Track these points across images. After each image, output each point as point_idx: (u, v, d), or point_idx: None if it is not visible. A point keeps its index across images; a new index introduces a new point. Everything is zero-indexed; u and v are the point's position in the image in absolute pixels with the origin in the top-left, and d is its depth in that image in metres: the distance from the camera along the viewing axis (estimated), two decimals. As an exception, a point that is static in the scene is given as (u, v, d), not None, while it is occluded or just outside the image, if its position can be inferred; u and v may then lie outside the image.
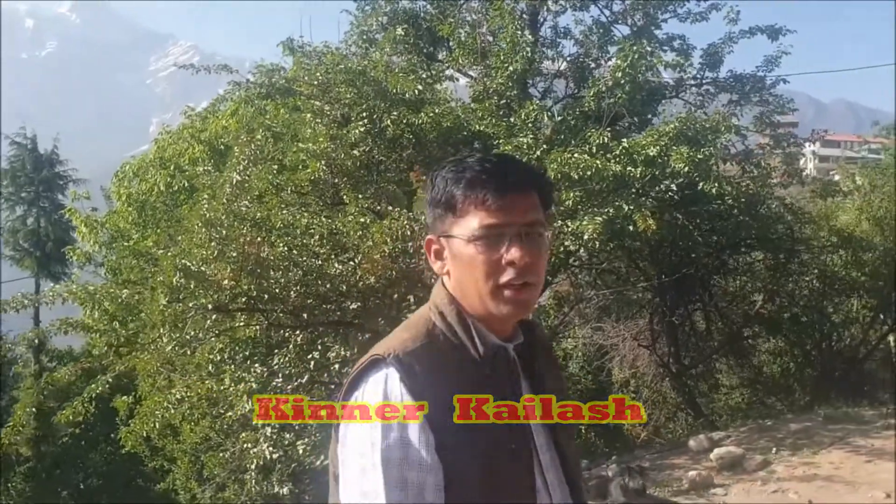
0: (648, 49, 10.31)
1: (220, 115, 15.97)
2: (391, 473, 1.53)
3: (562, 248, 10.22)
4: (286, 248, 9.26)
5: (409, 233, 9.22)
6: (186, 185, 15.09)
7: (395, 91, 10.71)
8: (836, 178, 19.35)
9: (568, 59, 12.76)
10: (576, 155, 9.66)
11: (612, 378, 16.43)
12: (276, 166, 10.94)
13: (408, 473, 1.53)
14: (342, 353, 10.82)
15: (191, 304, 9.13)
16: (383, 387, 1.62)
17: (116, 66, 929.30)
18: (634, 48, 10.24)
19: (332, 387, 11.54)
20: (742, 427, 11.13)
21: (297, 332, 10.01)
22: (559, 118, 11.38)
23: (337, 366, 11.07)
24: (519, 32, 10.86)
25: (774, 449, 9.32)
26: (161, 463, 15.69)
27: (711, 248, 13.11)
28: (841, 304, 15.05)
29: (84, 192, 19.17)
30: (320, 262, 9.18)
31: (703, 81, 12.80)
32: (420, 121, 10.82)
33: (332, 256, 9.35)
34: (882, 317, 14.70)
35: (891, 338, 15.33)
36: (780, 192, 13.34)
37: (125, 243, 15.96)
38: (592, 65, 12.61)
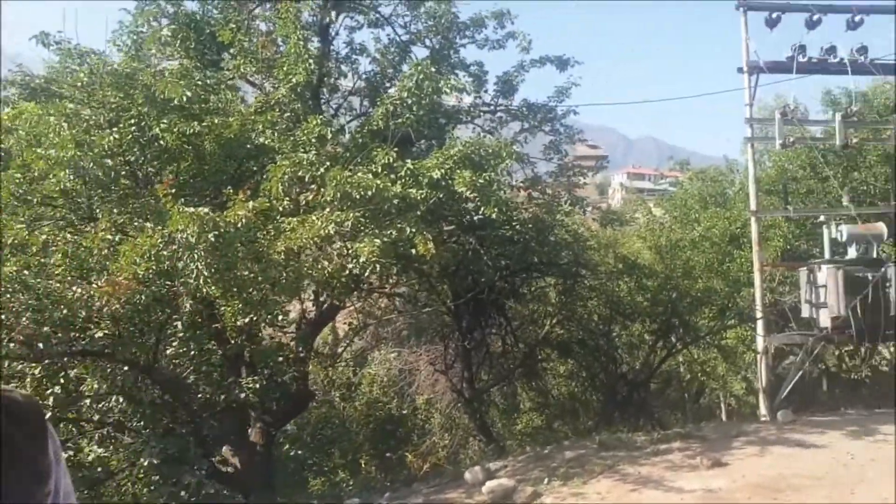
0: (433, 70, 10.10)
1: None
2: None
3: (346, 271, 9.72)
4: (16, 269, 7.97)
5: (165, 253, 8.32)
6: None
7: (163, 97, 9.71)
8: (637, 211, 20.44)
9: (363, 76, 12.37)
10: (359, 174, 9.21)
11: (415, 403, 16.16)
12: (18, 175, 9.53)
13: None
14: (95, 386, 9.64)
15: None
16: None
17: None
18: (420, 68, 10.00)
19: (84, 424, 10.27)
20: (521, 456, 11.12)
21: (34, 364, 8.70)
22: (349, 136, 10.89)
23: (88, 401, 9.86)
24: (302, 43, 10.27)
25: (546, 479, 9.29)
26: None
27: (502, 272, 13.17)
28: (626, 328, 15.75)
29: None
30: (57, 284, 7.99)
31: (497, 108, 12.88)
32: (193, 129, 9.92)
33: (73, 278, 8.17)
34: (662, 342, 15.54)
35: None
36: (569, 219, 13.70)
37: None
38: (388, 84, 12.31)
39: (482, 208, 9.31)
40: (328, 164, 9.59)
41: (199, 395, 11.58)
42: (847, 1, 15.87)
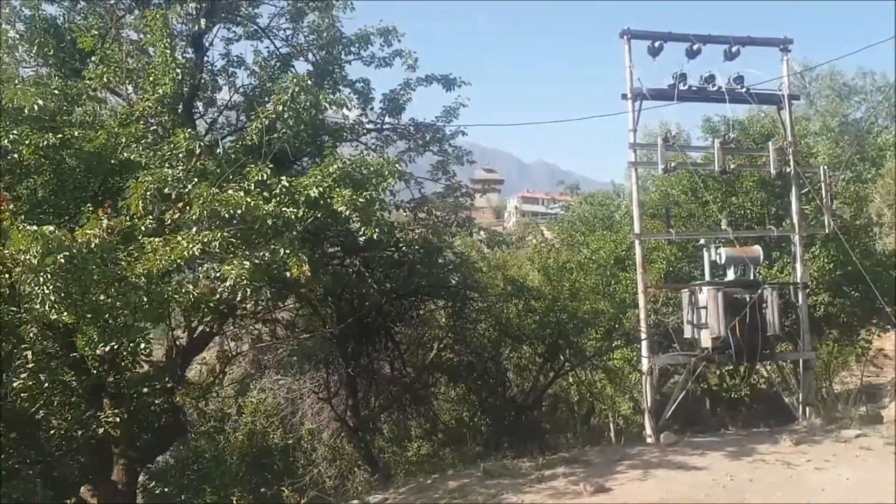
0: (310, 83, 9.62)
1: None
2: None
3: (216, 296, 9.05)
4: None
5: (5, 276, 7.46)
6: None
7: (11, 105, 8.82)
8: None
9: (240, 89, 11.75)
10: (230, 192, 8.61)
11: (300, 433, 15.40)
12: None
13: None
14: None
15: None
16: None
17: None
18: (295, 80, 9.50)
19: None
20: (403, 488, 10.68)
21: None
22: (221, 151, 10.23)
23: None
24: (169, 52, 9.57)
25: (427, 512, 8.90)
26: None
27: (388, 295, 12.74)
28: (515, 350, 15.62)
29: None
30: None
31: (384, 126, 12.53)
32: (48, 142, 9.06)
33: None
34: (550, 364, 15.49)
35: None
36: (459, 240, 13.48)
37: None
38: (266, 98, 11.71)
39: (363, 228, 8.88)
40: (196, 180, 8.94)
41: (52, 432, 10.55)
42: (725, 32, 16.61)
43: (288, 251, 8.38)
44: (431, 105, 13.72)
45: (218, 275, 8.24)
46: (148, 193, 8.65)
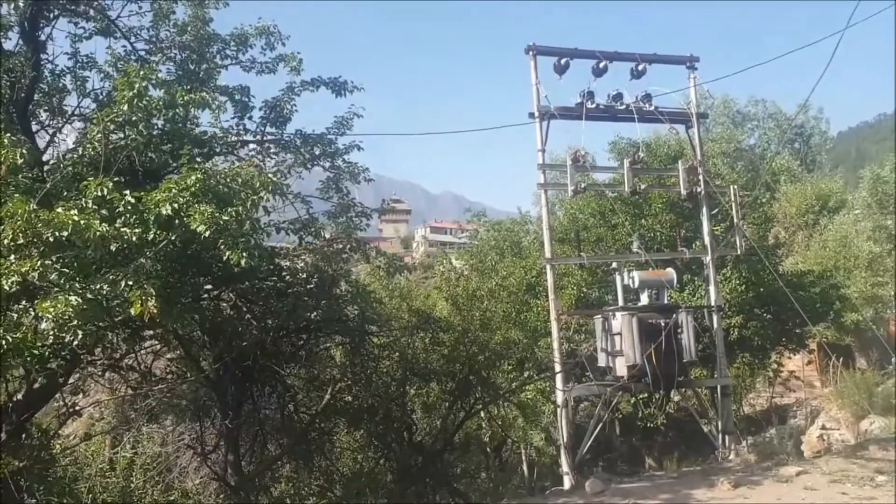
0: (163, 76, 8.03)
1: None
2: None
3: (48, 339, 7.24)
4: None
5: None
6: None
7: None
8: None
9: (90, 94, 9.95)
10: (59, 210, 6.88)
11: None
12: None
13: None
14: None
15: None
16: None
17: None
18: (142, 73, 7.87)
19: None
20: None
21: None
22: (55, 163, 8.43)
23: None
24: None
25: None
26: None
27: (272, 332, 10.96)
28: (422, 388, 14.19)
29: None
30: None
31: (265, 137, 10.95)
32: None
33: None
34: (460, 402, 14.09)
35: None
36: (356, 268, 12.00)
37: None
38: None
39: (227, 253, 7.26)
40: (17, 197, 7.14)
41: None
42: (631, 50, 16.05)
43: (130, 283, 6.70)
44: (322, 118, 12.29)
45: (34, 315, 6.46)
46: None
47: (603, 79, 15.91)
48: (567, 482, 13.62)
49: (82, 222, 6.59)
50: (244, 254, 7.14)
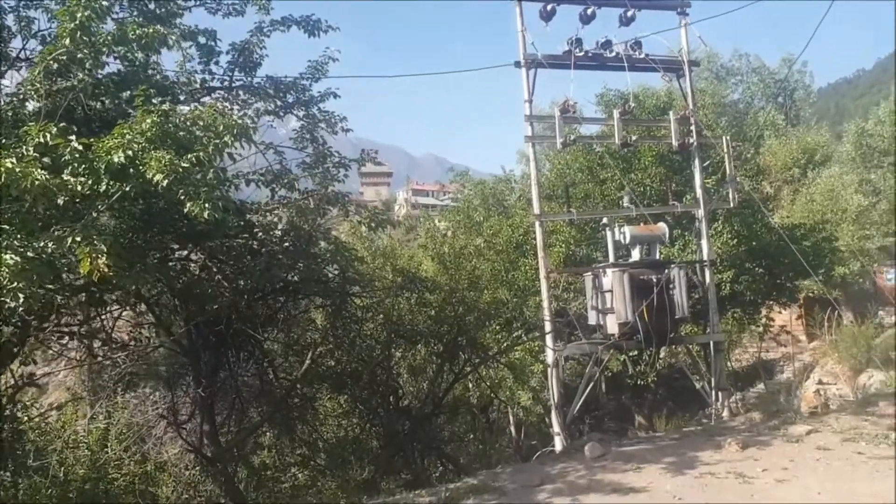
0: (100, 6, 7.12)
1: None
2: None
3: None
4: None
5: None
6: None
7: None
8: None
9: (37, 35, 9.00)
10: (-4, 158, 6.06)
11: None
12: None
13: None
14: None
15: None
16: None
17: None
18: (82, 1, 6.98)
19: None
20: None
21: None
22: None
23: None
24: None
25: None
26: None
27: (246, 294, 10.18)
28: (409, 351, 13.58)
29: None
30: None
31: (233, 83, 10.08)
32: None
33: None
34: (449, 365, 13.52)
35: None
36: (336, 225, 11.25)
37: None
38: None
39: (188, 205, 6.49)
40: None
41: None
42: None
43: (78, 239, 5.93)
44: (295, 68, 11.41)
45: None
46: None
47: (591, 26, 15.12)
48: (558, 443, 13.19)
49: (18, 170, 5.79)
50: (207, 205, 6.36)
